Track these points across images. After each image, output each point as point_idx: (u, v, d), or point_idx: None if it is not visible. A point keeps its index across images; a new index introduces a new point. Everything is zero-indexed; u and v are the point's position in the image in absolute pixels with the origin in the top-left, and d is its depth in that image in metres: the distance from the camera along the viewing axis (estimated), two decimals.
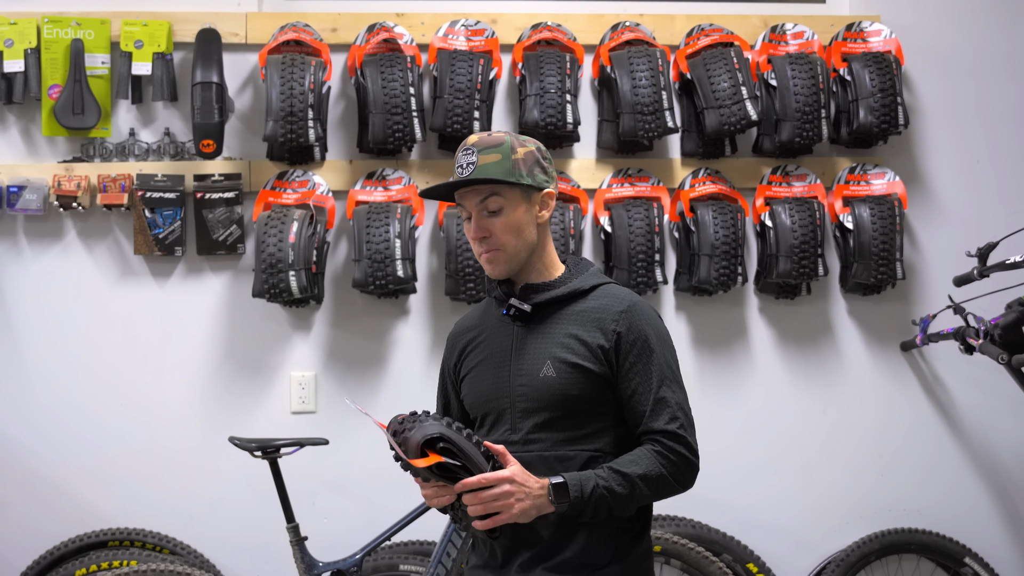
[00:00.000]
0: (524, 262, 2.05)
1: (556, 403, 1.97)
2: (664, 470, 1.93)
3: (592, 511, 1.89)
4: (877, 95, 3.63)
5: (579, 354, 1.97)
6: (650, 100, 3.54)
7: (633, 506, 1.94)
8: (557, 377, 1.97)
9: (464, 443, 1.85)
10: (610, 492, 1.88)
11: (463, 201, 2.04)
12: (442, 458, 1.82)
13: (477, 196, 2.01)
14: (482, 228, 2.01)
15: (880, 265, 3.62)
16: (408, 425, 1.86)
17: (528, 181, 2.01)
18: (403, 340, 3.67)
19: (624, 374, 1.98)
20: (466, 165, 2.00)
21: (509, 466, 1.87)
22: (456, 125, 3.51)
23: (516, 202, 2.01)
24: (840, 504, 3.74)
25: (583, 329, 1.99)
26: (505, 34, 3.72)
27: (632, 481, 1.90)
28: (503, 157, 2.00)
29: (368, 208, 3.51)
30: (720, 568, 3.42)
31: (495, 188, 2.00)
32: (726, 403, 3.72)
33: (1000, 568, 3.70)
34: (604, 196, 3.67)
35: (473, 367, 2.09)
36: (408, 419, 1.87)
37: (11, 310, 3.58)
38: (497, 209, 2.00)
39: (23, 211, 3.53)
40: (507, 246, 2.01)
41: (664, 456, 1.94)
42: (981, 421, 3.80)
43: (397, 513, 3.20)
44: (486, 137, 2.04)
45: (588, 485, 1.88)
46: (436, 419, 1.87)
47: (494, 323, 2.10)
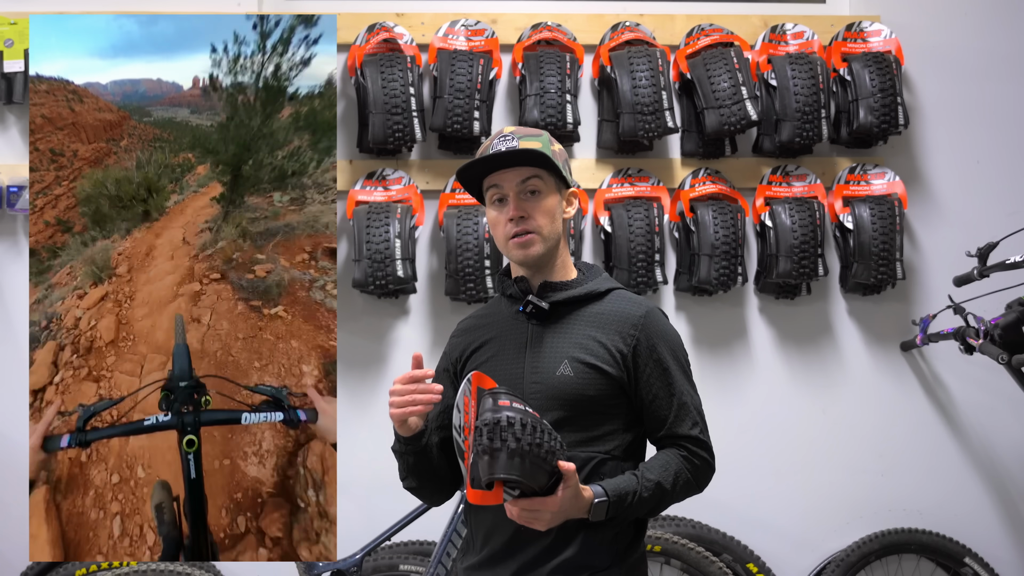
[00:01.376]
0: (551, 254, 2.05)
1: (570, 403, 1.97)
2: (690, 475, 1.99)
3: (622, 518, 1.94)
4: (877, 95, 3.63)
5: (598, 356, 1.98)
6: (650, 100, 3.54)
7: (658, 510, 2.00)
8: (575, 377, 1.97)
9: (531, 478, 1.75)
10: (640, 501, 1.92)
11: (500, 180, 2.02)
12: (500, 501, 1.78)
13: (518, 176, 2.01)
14: (521, 208, 2.01)
15: (880, 265, 3.62)
16: (490, 439, 1.72)
17: (565, 173, 2.05)
18: (403, 340, 3.67)
19: (644, 380, 2.00)
20: (506, 149, 2.00)
21: (563, 489, 1.83)
22: (456, 125, 3.51)
23: (552, 190, 2.04)
24: (840, 504, 3.74)
25: (602, 332, 2.00)
26: (505, 34, 3.72)
27: (663, 490, 1.95)
28: (543, 145, 2.03)
29: (368, 208, 3.51)
30: (720, 568, 3.42)
31: (537, 171, 2.01)
32: (726, 403, 3.72)
33: (1000, 568, 3.70)
34: (604, 196, 3.67)
35: (481, 364, 2.07)
36: (521, 429, 1.73)
37: (11, 310, 3.58)
38: (536, 191, 2.01)
39: (23, 211, 3.53)
40: (543, 229, 2.02)
41: (690, 461, 2.00)
42: (981, 421, 3.80)
43: (397, 513, 3.20)
44: (524, 128, 2.08)
45: (626, 500, 1.90)
46: (520, 437, 1.73)
47: (505, 321, 2.09)
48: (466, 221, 3.49)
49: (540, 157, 1.99)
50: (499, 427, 1.75)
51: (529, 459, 1.75)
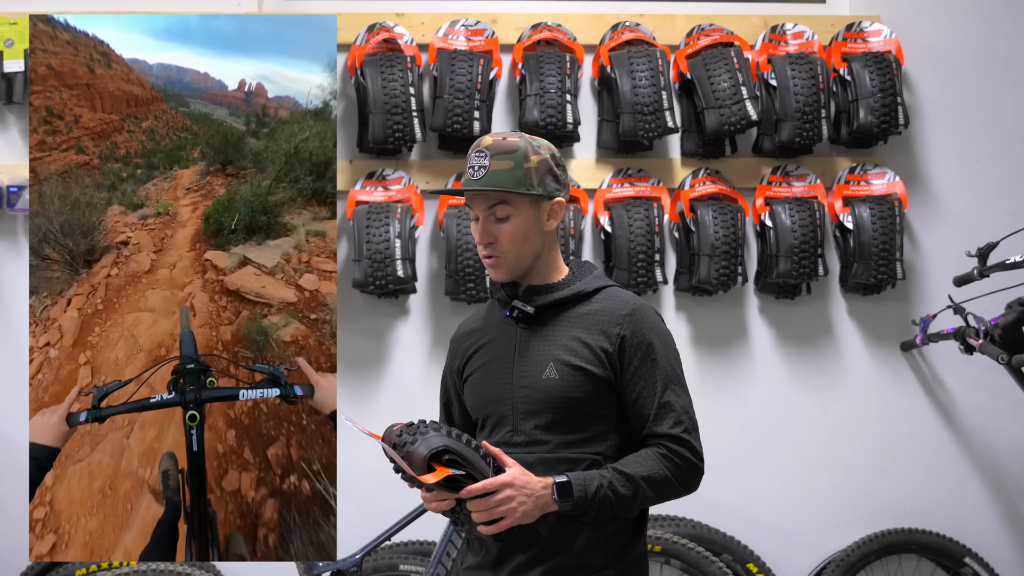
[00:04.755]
0: (527, 268, 2.04)
1: (558, 405, 1.96)
2: (668, 473, 1.93)
3: (596, 511, 1.89)
4: (877, 95, 3.63)
5: (582, 357, 1.97)
6: (650, 100, 3.54)
7: (637, 507, 1.95)
8: (559, 379, 1.96)
9: (468, 452, 1.83)
10: (614, 493, 1.89)
11: (472, 204, 2.03)
12: (451, 471, 1.80)
13: (486, 202, 2.00)
14: (488, 234, 2.00)
15: (880, 265, 3.62)
16: (408, 438, 1.83)
17: (538, 191, 2.00)
18: (403, 340, 3.67)
19: (628, 378, 1.97)
20: (477, 168, 1.99)
21: (508, 468, 1.87)
22: (456, 125, 3.51)
23: (524, 210, 2.00)
24: (840, 504, 3.74)
25: (586, 332, 1.99)
26: (505, 34, 3.72)
27: (636, 483, 1.90)
28: (515, 165, 1.98)
29: (368, 208, 3.51)
30: (720, 568, 3.42)
31: (504, 196, 1.99)
32: (726, 403, 3.72)
33: (1000, 568, 3.70)
34: (604, 196, 3.66)
35: (476, 369, 2.08)
36: (407, 430, 1.84)
37: (11, 310, 3.58)
38: (504, 217, 1.99)
39: (23, 211, 3.53)
40: (509, 254, 2.01)
41: (668, 459, 1.94)
42: (981, 421, 3.80)
43: (397, 513, 3.20)
44: (500, 141, 2.01)
45: (592, 485, 1.88)
46: (436, 428, 1.84)
47: (497, 325, 2.09)
48: (466, 221, 3.49)
49: (500, 191, 1.96)
50: (416, 423, 1.85)
51: (453, 436, 1.83)
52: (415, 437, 1.82)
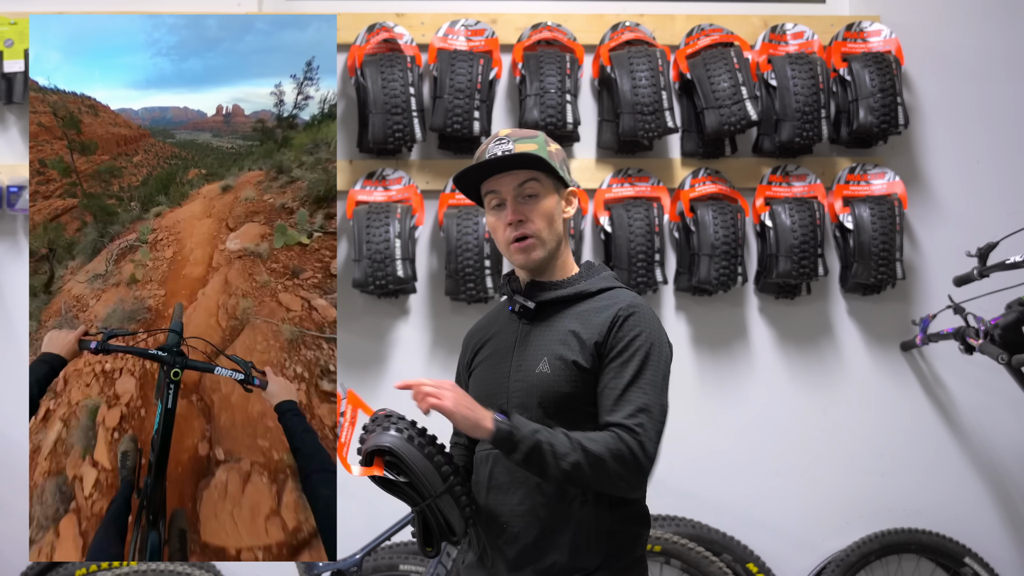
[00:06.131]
0: (553, 255, 2.04)
1: (547, 400, 1.95)
2: (608, 454, 1.84)
3: (526, 452, 1.83)
4: (877, 95, 3.63)
5: (574, 350, 1.96)
6: (650, 100, 3.54)
7: (568, 471, 1.84)
8: (551, 374, 1.96)
9: (415, 459, 1.86)
10: (551, 445, 1.83)
11: (497, 186, 2.01)
12: (381, 472, 1.87)
13: (515, 180, 2.00)
14: (519, 211, 1.99)
15: (880, 265, 3.62)
16: (372, 427, 1.90)
17: (563, 173, 2.03)
18: (403, 340, 3.67)
19: (604, 368, 1.94)
20: (501, 153, 1.99)
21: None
22: (456, 125, 3.51)
23: (550, 191, 2.02)
24: (840, 504, 3.74)
25: (582, 326, 1.98)
26: (505, 34, 3.72)
27: (575, 445, 1.83)
28: (539, 147, 2.01)
29: (368, 208, 3.51)
30: (720, 568, 3.42)
31: (534, 173, 2.00)
32: (726, 403, 3.72)
33: (1000, 568, 3.70)
34: (604, 196, 3.66)
35: (480, 363, 2.10)
36: (380, 419, 1.91)
37: (11, 310, 3.58)
38: (534, 194, 2.00)
39: (23, 211, 3.53)
40: (543, 232, 2.00)
41: (612, 443, 1.85)
42: (981, 421, 3.80)
43: (397, 513, 3.20)
44: (519, 130, 2.06)
45: (531, 427, 1.85)
46: (400, 428, 1.89)
47: (504, 321, 2.10)
48: (466, 221, 3.49)
49: (536, 160, 1.98)
50: (391, 416, 1.93)
51: (415, 442, 1.89)
52: (376, 428, 1.90)
